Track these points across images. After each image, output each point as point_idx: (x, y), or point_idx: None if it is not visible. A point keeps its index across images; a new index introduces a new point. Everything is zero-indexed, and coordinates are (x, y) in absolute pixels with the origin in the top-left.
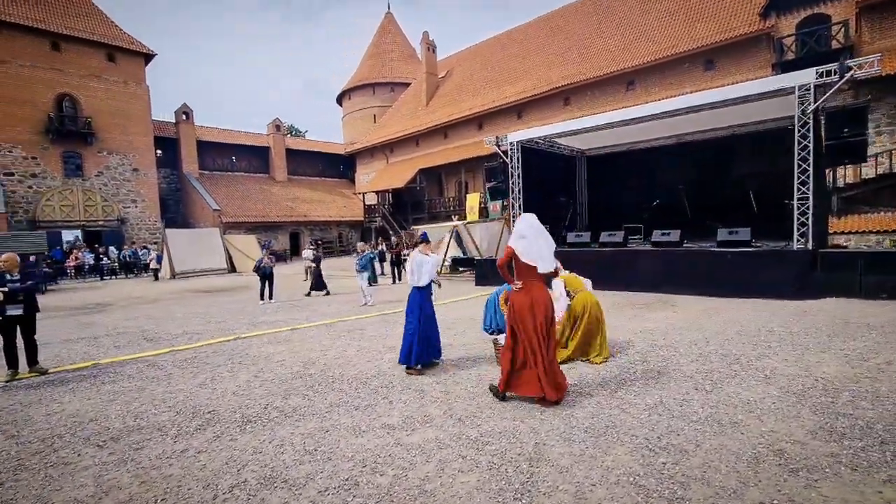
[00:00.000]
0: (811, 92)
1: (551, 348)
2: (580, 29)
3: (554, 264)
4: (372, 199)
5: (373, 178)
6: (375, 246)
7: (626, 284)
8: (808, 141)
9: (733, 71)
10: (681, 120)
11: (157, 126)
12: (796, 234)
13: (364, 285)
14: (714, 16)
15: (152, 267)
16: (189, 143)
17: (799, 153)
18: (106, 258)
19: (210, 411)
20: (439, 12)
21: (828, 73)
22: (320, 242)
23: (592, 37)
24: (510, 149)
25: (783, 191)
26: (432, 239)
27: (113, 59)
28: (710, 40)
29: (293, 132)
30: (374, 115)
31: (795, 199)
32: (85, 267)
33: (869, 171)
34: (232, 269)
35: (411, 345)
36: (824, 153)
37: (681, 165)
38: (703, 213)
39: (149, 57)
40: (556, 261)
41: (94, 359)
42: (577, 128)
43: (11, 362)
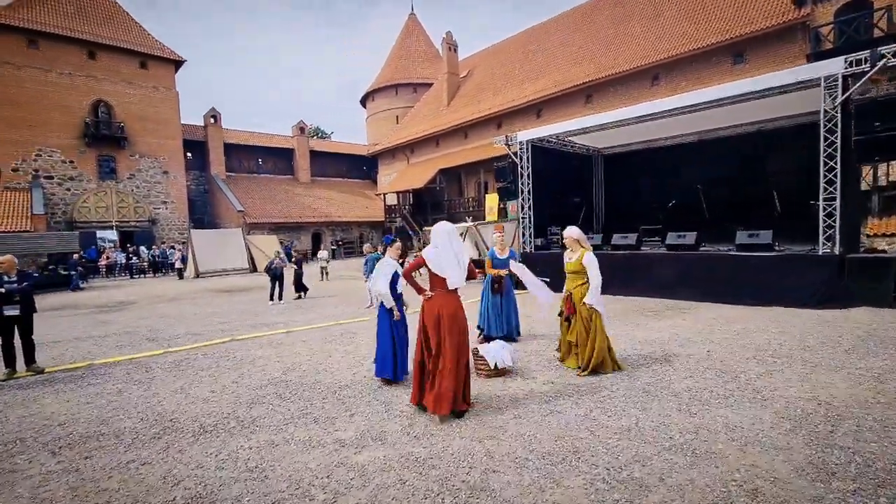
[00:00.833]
0: (839, 83)
1: (447, 361)
2: (604, 23)
3: (462, 281)
4: (393, 200)
5: (393, 179)
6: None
7: (638, 290)
8: (836, 136)
9: (765, 64)
10: (702, 116)
11: (186, 129)
12: (822, 237)
13: (370, 286)
14: (744, 5)
15: (177, 266)
16: (217, 146)
17: (825, 149)
18: (136, 257)
19: (171, 419)
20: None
21: (857, 62)
22: (303, 251)
23: (616, 31)
24: (520, 148)
25: (811, 191)
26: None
27: (145, 65)
28: (740, 31)
29: (319, 134)
30: (397, 116)
31: (821, 199)
32: (116, 266)
33: None
34: (253, 268)
35: (383, 358)
36: (853, 149)
37: (702, 164)
38: (723, 214)
39: (178, 63)
40: (464, 275)
41: (94, 358)
42: (587, 125)
43: (9, 361)
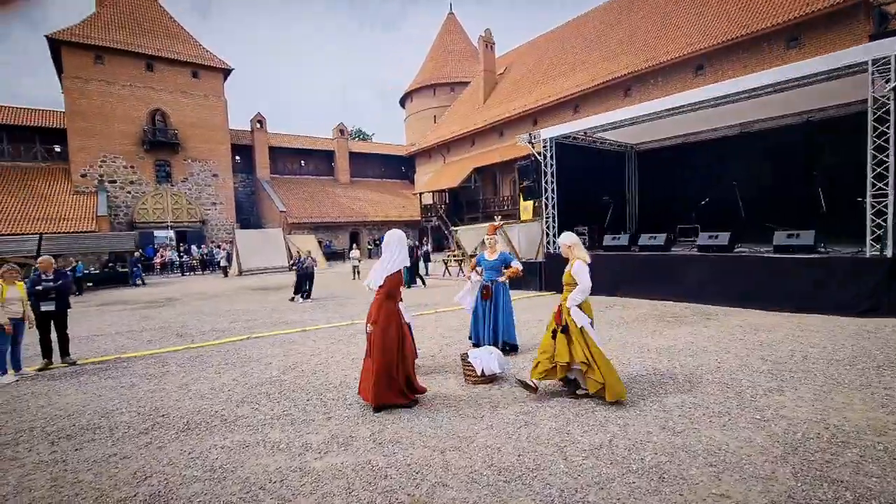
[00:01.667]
0: (892, 66)
1: (377, 357)
2: (647, 12)
3: (378, 283)
4: (429, 200)
5: (429, 178)
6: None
7: (664, 293)
8: (889, 126)
9: (822, 46)
10: (743, 107)
11: (233, 134)
12: (869, 238)
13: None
14: None
15: (222, 265)
16: (262, 150)
17: (874, 141)
18: (187, 256)
19: (164, 415)
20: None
21: None
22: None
23: (659, 20)
24: (544, 146)
25: (863, 187)
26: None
27: (197, 75)
28: (795, 14)
29: (360, 136)
30: (435, 116)
31: (868, 196)
32: (171, 264)
33: None
34: (291, 267)
35: None
36: None
37: (744, 159)
38: (761, 213)
39: (227, 72)
40: (383, 279)
41: (124, 352)
42: (612, 120)
43: (46, 353)
